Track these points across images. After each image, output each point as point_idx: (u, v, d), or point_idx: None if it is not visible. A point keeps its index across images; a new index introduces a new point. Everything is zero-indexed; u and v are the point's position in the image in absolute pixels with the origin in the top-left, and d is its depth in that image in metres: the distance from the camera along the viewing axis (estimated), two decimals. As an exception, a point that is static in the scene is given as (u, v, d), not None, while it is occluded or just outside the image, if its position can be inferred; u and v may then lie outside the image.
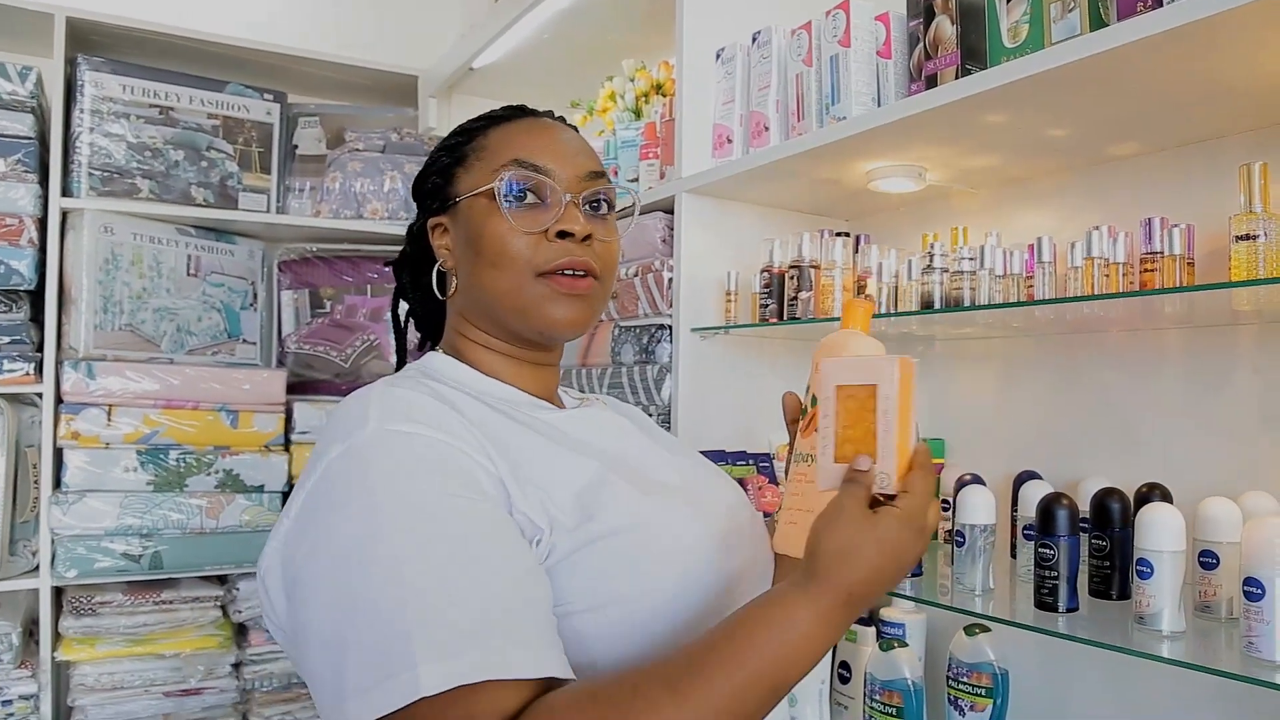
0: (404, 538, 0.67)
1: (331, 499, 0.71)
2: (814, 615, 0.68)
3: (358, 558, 0.66)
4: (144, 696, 2.03)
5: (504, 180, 0.86)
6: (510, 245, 0.85)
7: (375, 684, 0.62)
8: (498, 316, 0.89)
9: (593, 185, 0.90)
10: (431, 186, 0.94)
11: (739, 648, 0.66)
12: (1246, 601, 1.00)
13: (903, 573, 0.72)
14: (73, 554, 1.97)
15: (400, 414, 0.74)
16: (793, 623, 0.67)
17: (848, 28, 1.45)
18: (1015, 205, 1.60)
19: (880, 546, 0.70)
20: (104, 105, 2.11)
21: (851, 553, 0.69)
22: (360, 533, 0.68)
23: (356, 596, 0.65)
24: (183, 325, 2.20)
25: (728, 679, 0.64)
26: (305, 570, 0.70)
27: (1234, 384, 1.30)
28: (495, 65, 2.49)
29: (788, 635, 0.67)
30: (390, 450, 0.71)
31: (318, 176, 2.40)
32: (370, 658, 0.63)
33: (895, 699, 1.45)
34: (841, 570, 0.69)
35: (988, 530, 1.31)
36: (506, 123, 0.93)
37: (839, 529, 0.70)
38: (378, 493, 0.69)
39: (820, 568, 0.69)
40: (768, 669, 0.65)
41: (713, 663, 0.65)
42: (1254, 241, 1.06)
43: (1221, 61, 1.05)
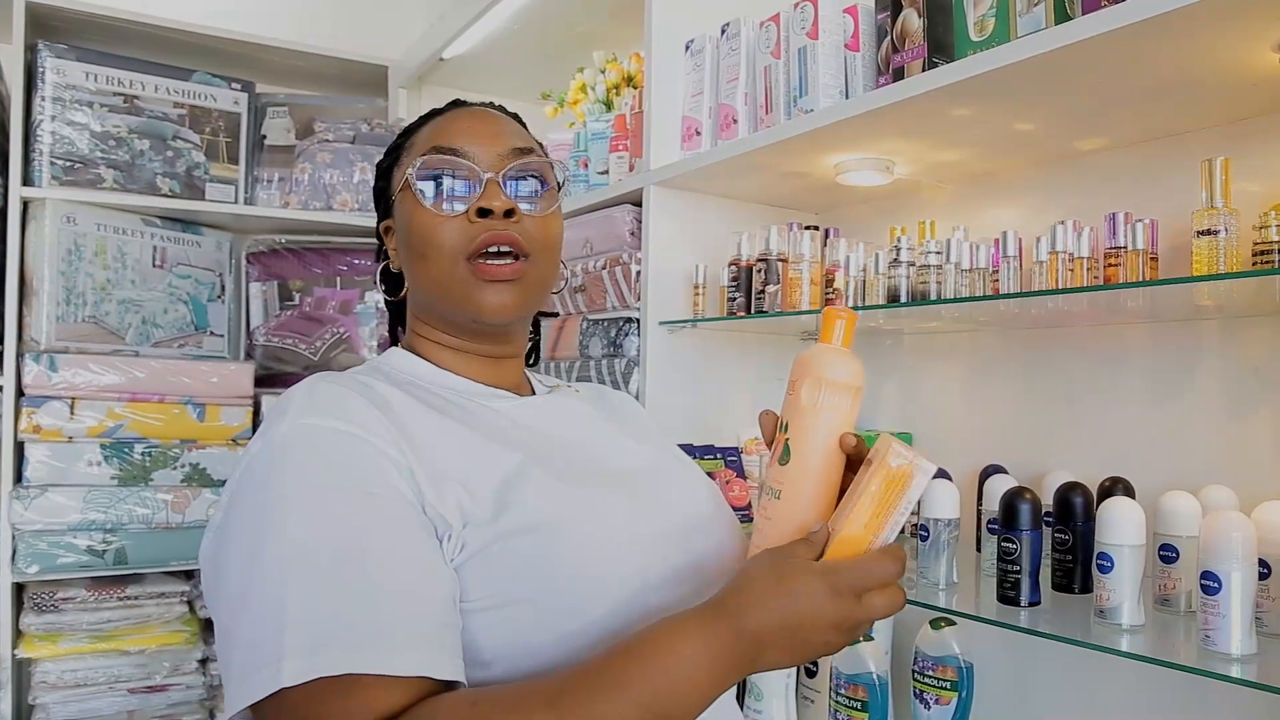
0: (297, 532, 0.67)
1: (245, 493, 0.72)
2: (706, 650, 0.66)
3: (255, 551, 0.67)
4: (108, 693, 2.01)
5: (416, 167, 0.85)
6: (434, 233, 0.84)
7: (248, 674, 0.62)
8: (436, 308, 0.88)
9: (515, 160, 0.87)
10: (378, 190, 0.95)
11: (624, 672, 0.64)
12: (1203, 595, 1.01)
13: (809, 646, 0.68)
14: (34, 549, 1.94)
15: (317, 408, 0.74)
16: (682, 654, 0.65)
17: (816, 20, 1.44)
18: (982, 199, 1.60)
19: (796, 603, 0.67)
20: (66, 93, 2.07)
21: (766, 597, 0.67)
22: (260, 527, 0.68)
23: (249, 588, 0.66)
24: (148, 317, 2.17)
25: (609, 703, 0.63)
26: (220, 563, 0.71)
27: (1196, 378, 1.31)
28: (465, 56, 2.47)
29: (675, 666, 0.65)
30: (301, 445, 0.71)
31: (286, 167, 2.37)
32: (249, 649, 0.63)
33: (860, 693, 1.45)
34: (748, 610, 0.67)
35: (951, 524, 1.32)
36: (438, 116, 0.92)
37: (765, 569, 0.69)
38: (281, 488, 0.69)
39: (729, 602, 0.68)
40: (650, 698, 0.64)
41: (597, 685, 0.64)
42: (1215, 237, 1.07)
43: (1184, 56, 1.05)
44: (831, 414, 0.74)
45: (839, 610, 0.67)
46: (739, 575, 0.70)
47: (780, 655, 0.68)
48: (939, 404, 1.68)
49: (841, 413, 0.74)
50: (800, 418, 0.75)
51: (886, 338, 1.78)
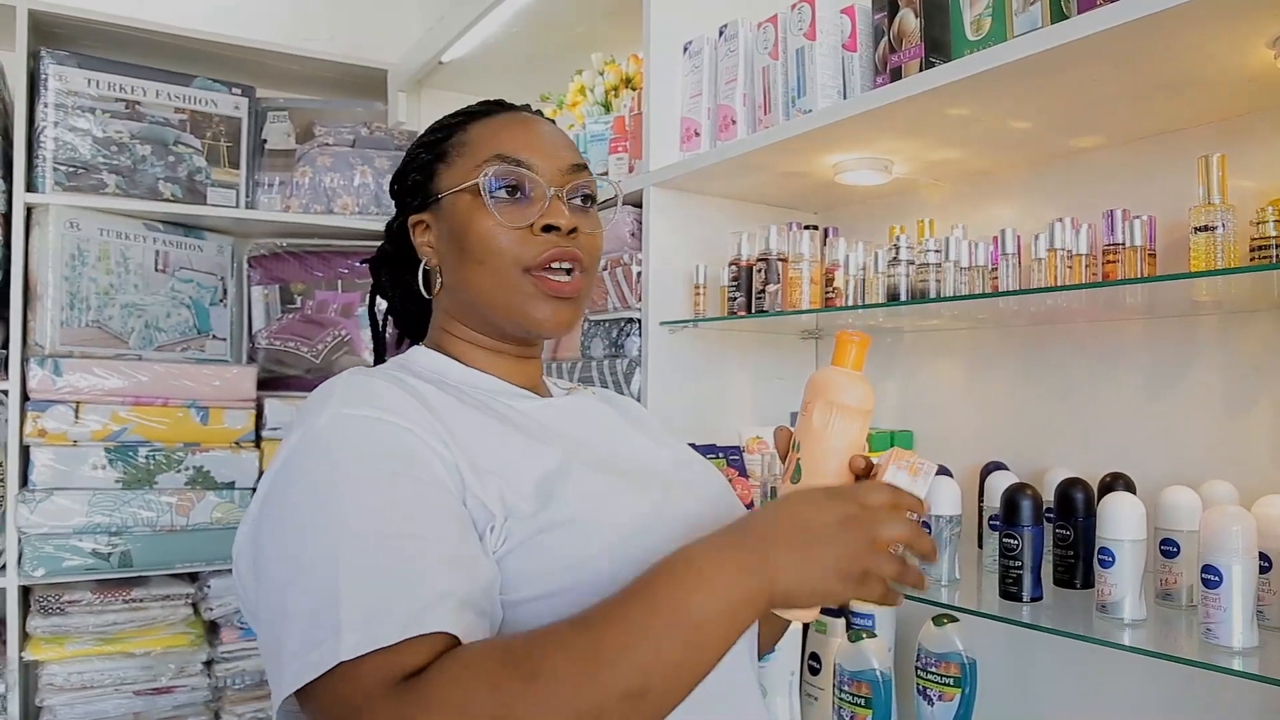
0: (345, 513, 0.68)
1: (289, 480, 0.72)
2: (721, 562, 0.67)
3: (301, 535, 0.68)
4: (114, 695, 2.01)
5: (487, 176, 0.86)
6: (496, 241, 0.86)
7: (304, 652, 0.63)
8: (483, 313, 0.89)
9: (575, 178, 0.90)
10: (412, 184, 0.94)
11: (649, 584, 0.65)
12: (1204, 589, 1.01)
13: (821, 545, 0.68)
14: (40, 553, 1.95)
15: (358, 399, 0.75)
16: (699, 570, 0.66)
17: (813, 21, 1.45)
18: (980, 198, 1.61)
19: (796, 505, 0.70)
20: (69, 99, 2.08)
21: (766, 511, 0.71)
22: (309, 508, 0.69)
23: (300, 569, 0.66)
24: (151, 321, 2.18)
25: (635, 618, 0.63)
26: (264, 549, 0.71)
27: (1195, 373, 1.32)
28: (464, 59, 2.48)
29: (694, 582, 0.65)
30: (345, 433, 0.73)
31: (287, 171, 2.38)
32: (304, 626, 0.64)
33: (864, 690, 1.45)
34: (752, 522, 0.70)
35: (953, 521, 1.32)
36: (486, 118, 0.93)
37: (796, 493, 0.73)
38: (329, 471, 0.70)
39: (733, 525, 0.71)
40: (681, 616, 0.64)
41: (622, 602, 0.65)
42: (1212, 233, 1.07)
43: (1180, 53, 1.06)
44: (842, 437, 0.78)
45: (840, 507, 0.70)
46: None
47: (793, 557, 0.67)
48: (939, 401, 1.69)
49: (851, 436, 0.78)
50: (812, 439, 0.78)
51: (886, 336, 1.78)
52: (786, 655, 1.58)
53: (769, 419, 1.84)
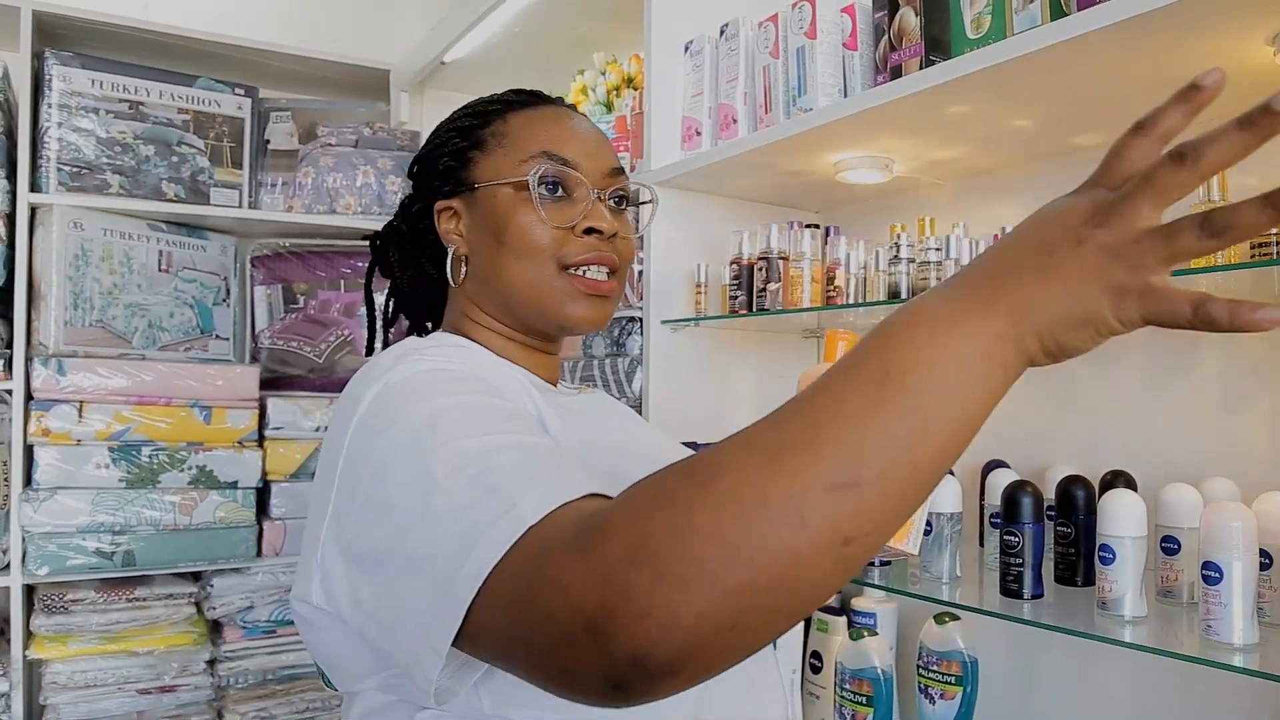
0: (459, 431, 0.65)
1: (380, 423, 0.69)
2: (923, 300, 0.52)
3: (425, 456, 0.63)
4: (117, 694, 2.02)
5: (537, 172, 0.85)
6: (538, 238, 0.85)
7: (476, 540, 0.56)
8: (515, 307, 0.89)
9: (616, 181, 0.90)
10: (443, 169, 0.91)
11: (853, 366, 0.50)
12: (1205, 585, 1.02)
13: (1060, 248, 0.50)
14: (44, 551, 1.95)
15: (427, 358, 0.75)
16: (899, 316, 0.52)
17: (814, 20, 1.45)
18: (981, 196, 1.61)
19: (1036, 216, 0.53)
20: (72, 100, 2.09)
21: (1005, 240, 0.54)
22: (420, 428, 0.66)
23: (435, 484, 0.61)
24: (154, 321, 2.19)
25: (831, 397, 0.50)
26: (372, 504, 0.66)
27: (1196, 371, 1.32)
28: (467, 59, 2.49)
29: (890, 325, 0.51)
30: (429, 375, 0.72)
31: (290, 171, 2.38)
32: (467, 519, 0.58)
33: (866, 688, 1.46)
34: (985, 259, 0.53)
35: (954, 519, 1.32)
36: (526, 109, 0.91)
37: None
38: (428, 398, 0.69)
39: (965, 267, 0.54)
40: (872, 366, 0.50)
41: (813, 388, 0.51)
42: (1212, 230, 1.07)
43: (1180, 51, 1.06)
44: None
45: (1087, 201, 0.52)
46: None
47: (1032, 274, 0.50)
48: (941, 400, 1.69)
49: None
50: None
51: (888, 335, 1.78)
52: (788, 653, 1.57)
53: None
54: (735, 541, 0.46)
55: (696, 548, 0.47)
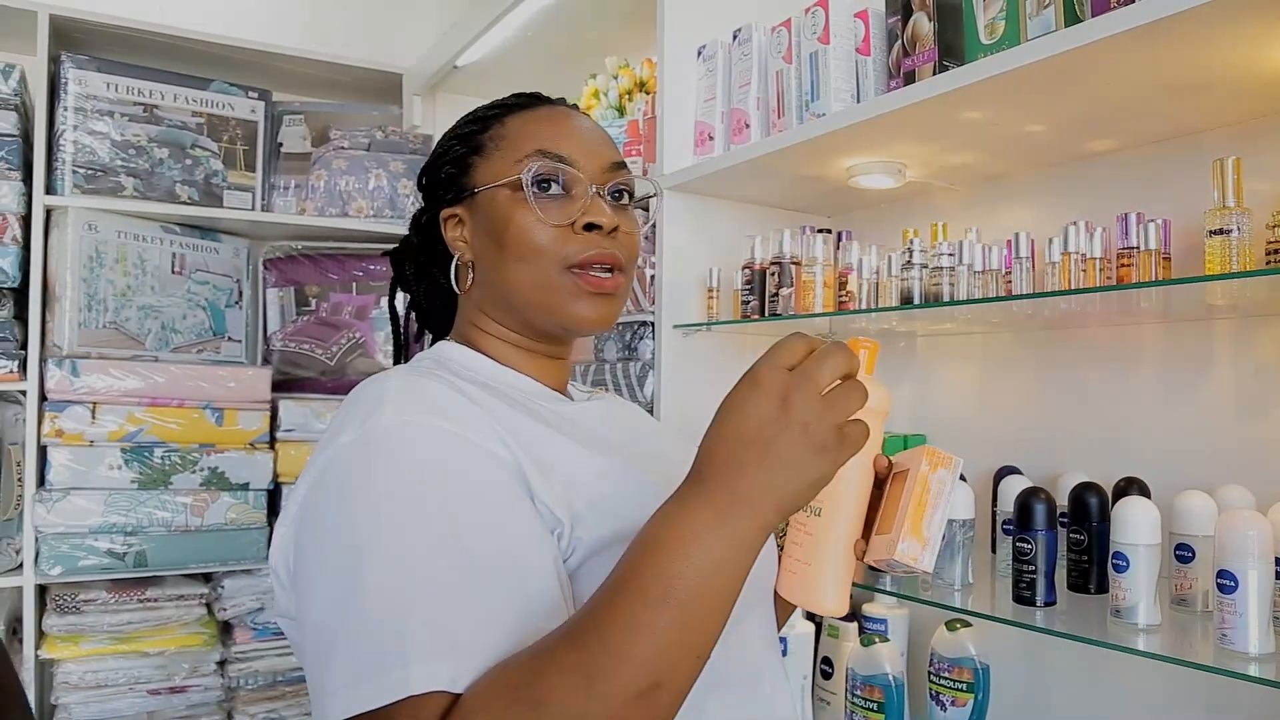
0: (409, 534, 0.65)
1: (339, 486, 0.69)
2: (685, 511, 0.62)
3: (360, 549, 0.65)
4: (128, 694, 2.02)
5: (530, 171, 0.84)
6: (537, 238, 0.84)
7: (363, 678, 0.60)
8: (520, 310, 0.87)
9: (616, 176, 0.88)
10: (446, 176, 0.91)
11: (625, 575, 0.61)
12: (1220, 594, 1.01)
13: (750, 431, 0.62)
14: (56, 551, 1.96)
15: (416, 404, 0.72)
16: (664, 524, 0.62)
17: (827, 25, 1.45)
18: (994, 201, 1.60)
19: (738, 412, 0.63)
20: (88, 103, 2.10)
21: (712, 438, 0.64)
22: (367, 523, 0.66)
23: (355, 588, 0.63)
24: (167, 323, 2.20)
25: (620, 606, 0.59)
26: (308, 557, 0.69)
27: (1210, 378, 1.31)
28: (479, 63, 2.49)
29: (662, 537, 0.61)
30: (403, 441, 0.69)
31: (303, 174, 2.39)
32: (363, 653, 0.61)
33: (877, 694, 1.45)
34: (704, 461, 0.63)
35: (967, 525, 1.32)
36: (524, 110, 0.90)
37: (714, 431, 0.64)
38: (387, 484, 0.67)
39: (691, 470, 0.64)
40: (670, 589, 0.59)
41: (606, 600, 0.60)
42: (1227, 236, 1.07)
43: (1194, 57, 1.05)
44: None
45: (768, 389, 0.63)
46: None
47: (761, 471, 0.61)
48: (953, 405, 1.69)
49: (873, 435, 0.78)
50: None
51: (900, 339, 1.78)
52: (799, 659, 1.57)
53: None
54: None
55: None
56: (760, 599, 0.86)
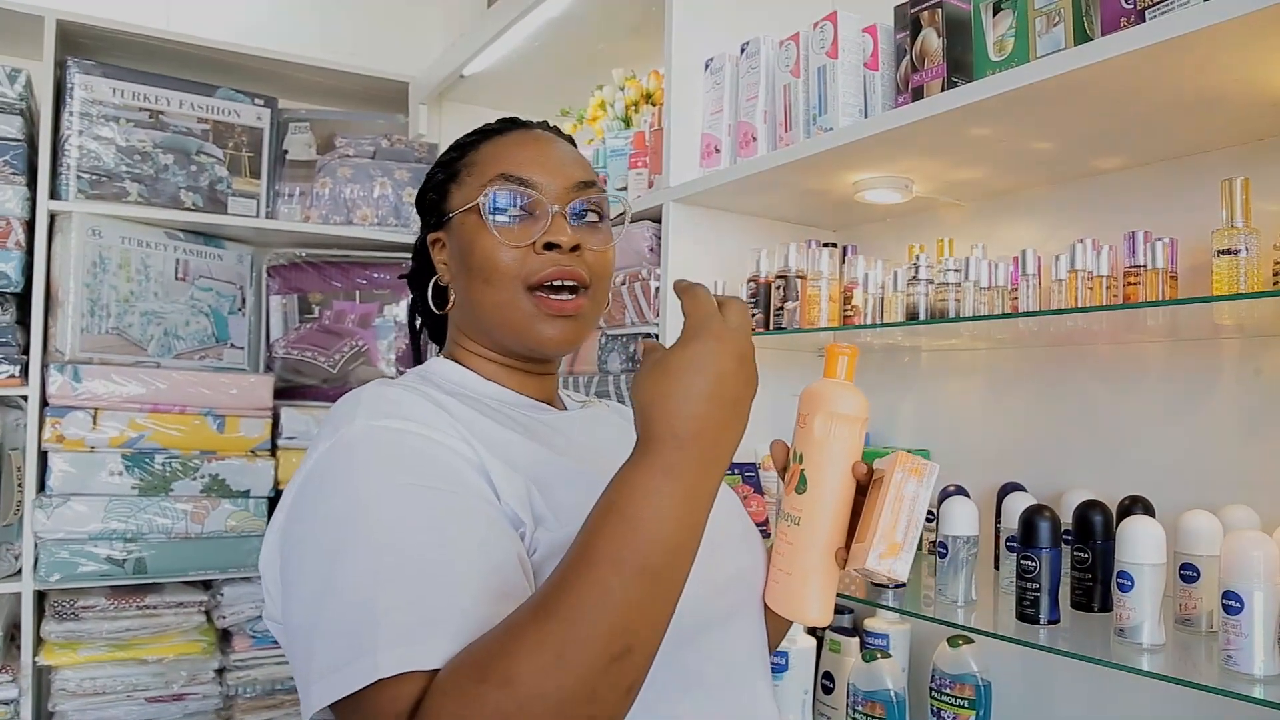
0: (380, 528, 0.67)
1: (318, 492, 0.72)
2: (647, 470, 0.63)
3: (336, 549, 0.67)
4: (126, 702, 2.02)
5: (489, 195, 0.87)
6: (498, 260, 0.86)
7: (338, 667, 0.62)
8: (489, 330, 0.91)
9: (581, 195, 0.90)
10: (429, 202, 0.96)
11: (592, 549, 0.61)
12: (1225, 615, 1.00)
13: (715, 383, 0.65)
14: (55, 558, 1.96)
15: (386, 411, 0.75)
16: (631, 493, 0.63)
17: (835, 39, 1.46)
18: (1001, 218, 1.60)
19: (672, 378, 0.65)
20: (93, 108, 2.10)
21: (653, 398, 0.66)
22: (340, 521, 0.68)
23: (330, 585, 0.65)
24: (170, 329, 2.19)
25: (596, 584, 0.60)
26: (290, 562, 0.71)
27: (1216, 397, 1.31)
28: (486, 73, 2.50)
29: (630, 505, 0.62)
30: (374, 444, 0.72)
31: (307, 182, 2.39)
32: (339, 642, 0.63)
33: (878, 710, 1.44)
34: (654, 418, 0.65)
35: (970, 542, 1.31)
36: (498, 136, 0.94)
37: (636, 388, 0.68)
38: (359, 485, 0.69)
39: (641, 433, 0.66)
40: (630, 555, 0.61)
41: (573, 571, 0.61)
42: (1235, 256, 1.07)
43: (1204, 76, 1.06)
44: (843, 444, 0.79)
45: (708, 343, 0.66)
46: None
47: (716, 426, 0.65)
48: (957, 421, 1.69)
49: (852, 442, 0.80)
50: (814, 449, 0.79)
51: (905, 355, 1.78)
52: (800, 674, 1.57)
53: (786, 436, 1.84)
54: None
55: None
56: (744, 607, 0.86)
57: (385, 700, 0.60)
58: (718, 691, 0.81)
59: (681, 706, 0.76)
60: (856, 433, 0.79)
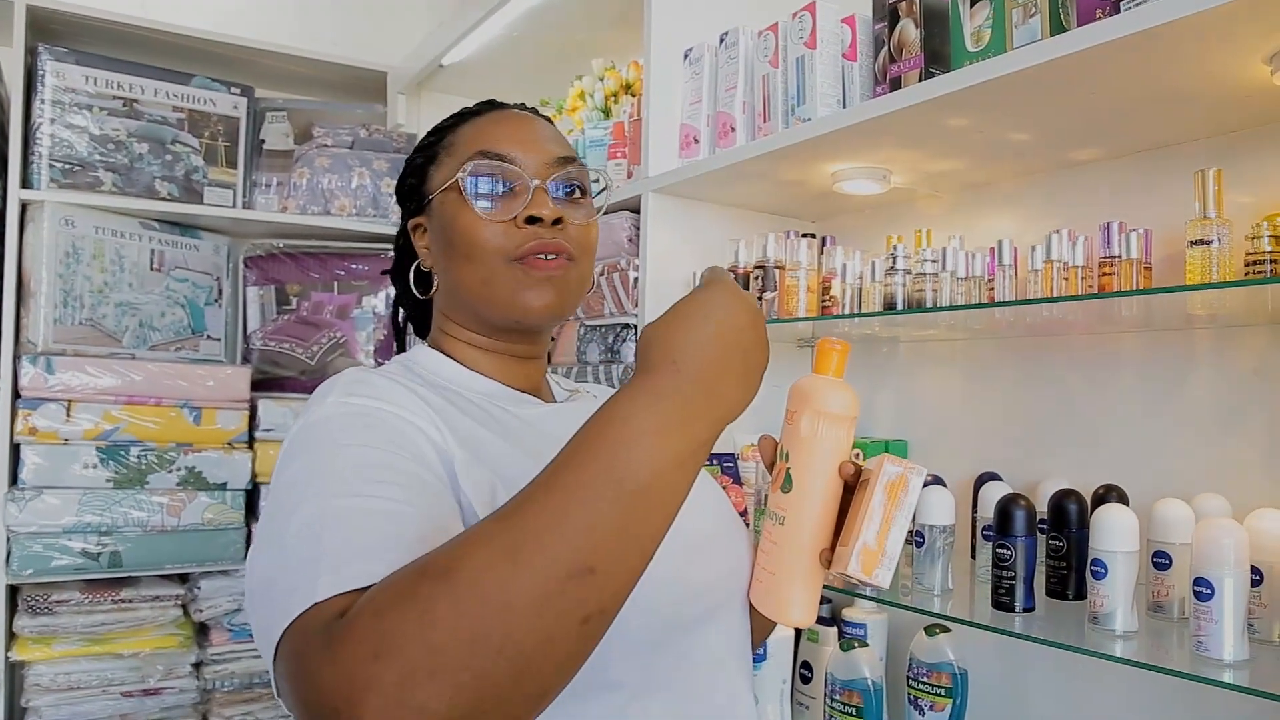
0: (334, 480, 0.66)
1: (284, 465, 0.72)
2: (637, 403, 0.59)
3: (292, 504, 0.66)
4: (101, 697, 2.00)
5: (468, 172, 0.87)
6: (480, 235, 0.86)
7: (285, 608, 0.58)
8: (475, 309, 0.90)
9: (561, 169, 0.89)
10: (408, 188, 0.95)
11: (565, 462, 0.57)
12: (1196, 601, 1.02)
13: (720, 325, 0.63)
14: (29, 552, 1.94)
15: (358, 392, 0.75)
16: (616, 417, 0.58)
17: (814, 30, 1.46)
18: (978, 208, 1.61)
19: (675, 318, 0.63)
20: (66, 96, 2.08)
21: (654, 335, 0.63)
22: (297, 484, 0.68)
23: (284, 538, 0.64)
24: (145, 320, 2.17)
25: (558, 487, 0.55)
26: (264, 516, 0.71)
27: (1189, 387, 1.32)
28: (465, 62, 2.48)
29: (611, 428, 0.57)
30: (341, 418, 0.73)
31: (285, 172, 2.37)
32: (285, 587, 0.60)
33: (855, 699, 1.45)
34: (653, 349, 0.62)
35: (947, 531, 1.32)
36: (476, 117, 0.93)
37: (647, 329, 0.64)
38: (319, 449, 0.70)
39: (639, 363, 0.63)
40: (611, 474, 0.55)
41: (540, 486, 0.56)
42: (1208, 246, 1.08)
43: (1177, 68, 1.06)
44: (831, 444, 0.77)
45: (751, 309, 0.65)
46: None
47: (735, 381, 0.63)
48: (935, 411, 1.69)
49: (840, 442, 0.77)
50: (801, 448, 0.78)
51: (882, 345, 1.79)
52: (778, 663, 1.57)
53: (764, 426, 1.84)
54: (482, 632, 0.49)
55: (439, 639, 0.49)
56: (725, 607, 0.85)
57: (313, 616, 0.56)
58: (694, 691, 0.80)
59: (656, 707, 0.75)
60: (845, 432, 0.77)
